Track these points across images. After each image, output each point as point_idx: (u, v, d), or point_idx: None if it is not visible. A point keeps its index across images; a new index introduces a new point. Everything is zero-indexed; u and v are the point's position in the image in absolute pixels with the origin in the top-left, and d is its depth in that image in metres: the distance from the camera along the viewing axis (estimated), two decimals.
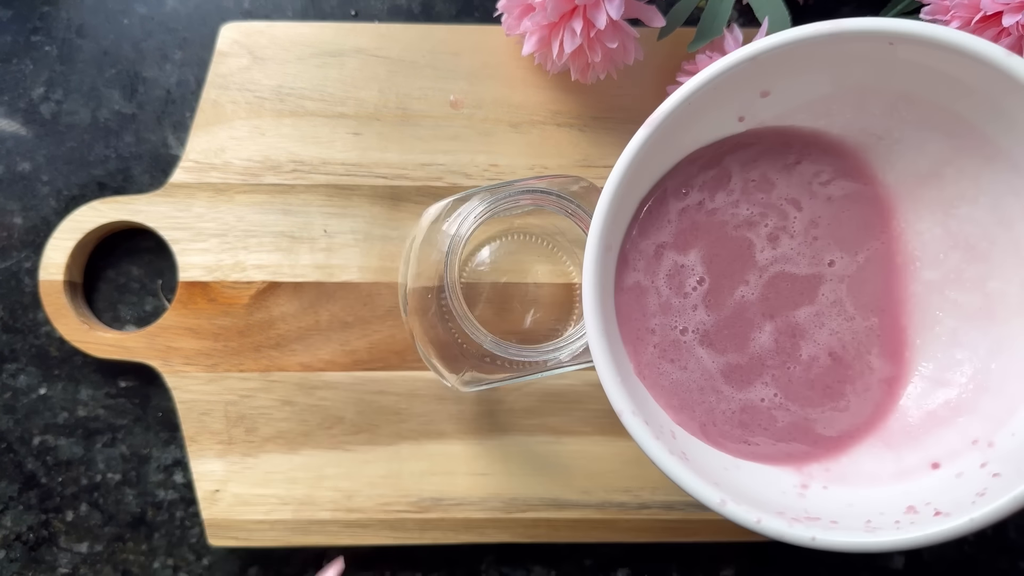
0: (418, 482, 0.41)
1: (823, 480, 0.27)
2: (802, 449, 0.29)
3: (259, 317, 0.41)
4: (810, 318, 0.30)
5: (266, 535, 0.40)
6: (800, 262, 0.30)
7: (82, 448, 0.43)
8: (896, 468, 0.27)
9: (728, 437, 0.29)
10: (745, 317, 0.30)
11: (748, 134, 0.30)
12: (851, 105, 0.28)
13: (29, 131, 0.43)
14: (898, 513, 0.24)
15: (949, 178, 0.28)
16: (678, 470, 0.25)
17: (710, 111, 0.28)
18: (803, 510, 0.25)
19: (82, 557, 0.42)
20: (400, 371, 0.41)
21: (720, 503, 0.25)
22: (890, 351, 0.30)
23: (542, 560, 0.43)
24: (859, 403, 0.29)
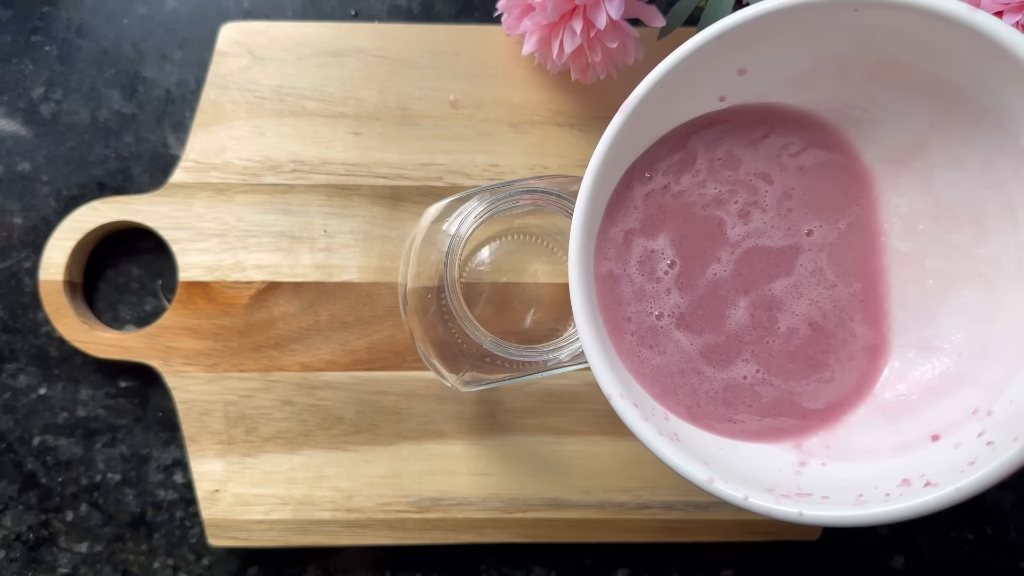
0: (418, 482, 0.41)
1: (823, 457, 0.27)
2: (793, 423, 0.29)
3: (259, 317, 0.41)
4: (787, 290, 0.30)
5: (266, 535, 0.40)
6: (775, 235, 0.30)
7: (82, 448, 0.43)
8: (897, 441, 0.26)
9: (714, 417, 0.28)
10: (719, 295, 0.29)
11: (722, 112, 0.29)
12: (832, 76, 0.28)
13: (29, 131, 0.43)
14: (892, 487, 0.24)
15: (936, 144, 0.28)
16: (665, 449, 0.25)
17: (687, 93, 0.28)
18: (796, 487, 0.25)
19: (82, 557, 0.42)
20: (400, 371, 0.41)
21: (707, 481, 0.24)
22: (873, 317, 0.30)
23: (542, 560, 0.43)
24: (844, 373, 0.29)
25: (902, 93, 0.27)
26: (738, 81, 0.28)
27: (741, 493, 0.24)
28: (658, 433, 0.26)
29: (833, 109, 0.29)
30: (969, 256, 0.28)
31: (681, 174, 0.30)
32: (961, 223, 0.28)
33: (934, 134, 0.28)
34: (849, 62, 0.27)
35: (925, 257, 0.29)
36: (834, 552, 0.44)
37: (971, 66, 0.25)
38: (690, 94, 0.28)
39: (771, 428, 0.28)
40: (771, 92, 0.29)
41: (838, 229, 0.30)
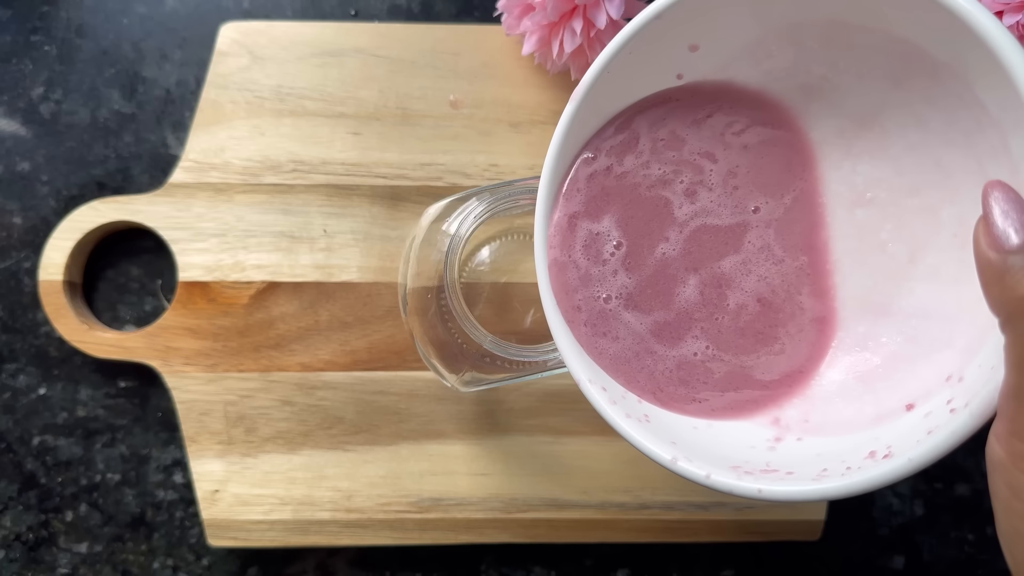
0: (418, 482, 0.41)
1: (799, 432, 0.27)
2: (756, 394, 0.28)
3: (259, 317, 0.41)
4: (736, 267, 0.30)
5: (265, 535, 0.40)
6: (722, 213, 0.30)
7: (81, 448, 0.42)
8: (875, 412, 0.26)
9: (677, 398, 0.28)
10: (668, 273, 0.29)
11: (674, 90, 0.29)
12: (787, 42, 0.28)
13: (28, 131, 0.43)
14: (857, 460, 0.23)
15: (899, 104, 0.27)
16: (632, 431, 0.25)
17: (640, 75, 0.28)
18: (764, 463, 0.25)
19: (82, 557, 0.42)
20: (400, 371, 0.41)
21: (671, 460, 0.25)
22: (820, 290, 0.30)
23: (542, 560, 0.43)
24: (794, 345, 0.29)
25: (859, 53, 0.27)
26: (692, 57, 0.28)
27: (704, 471, 0.24)
28: (626, 415, 0.26)
29: (795, 78, 0.29)
30: (935, 218, 0.27)
31: (624, 155, 0.30)
32: (925, 185, 0.27)
33: (896, 93, 0.27)
34: (800, 27, 0.27)
35: (884, 224, 0.28)
36: (834, 552, 0.44)
37: (916, 20, 0.24)
38: (643, 75, 0.28)
39: (738, 402, 0.28)
40: (729, 66, 0.28)
41: (783, 204, 0.30)
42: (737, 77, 0.29)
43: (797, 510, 0.41)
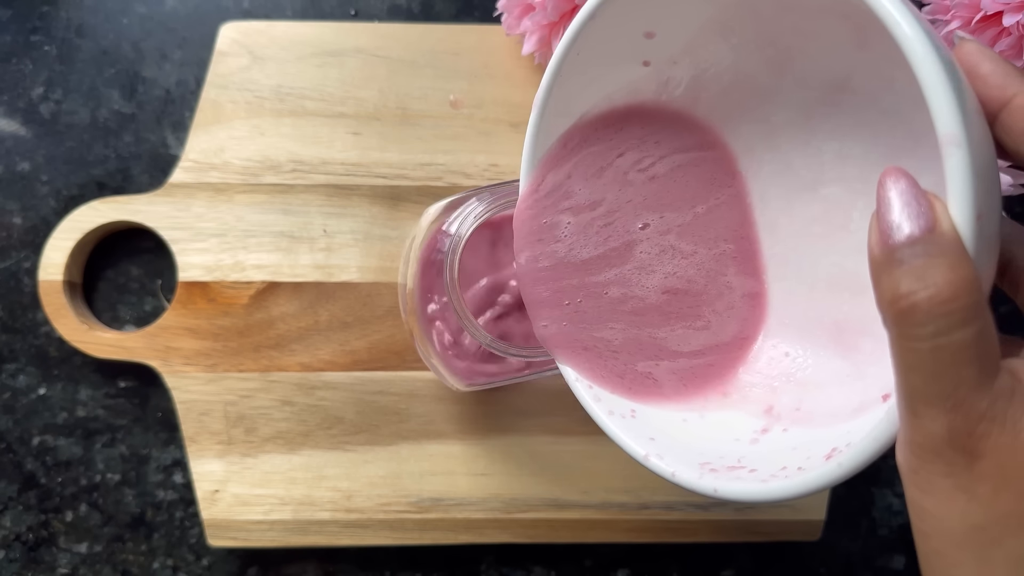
0: (418, 482, 0.41)
1: (788, 422, 0.26)
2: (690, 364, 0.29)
3: (259, 317, 0.41)
4: (632, 272, 0.30)
5: (265, 535, 0.40)
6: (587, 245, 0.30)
7: (81, 448, 0.42)
8: (858, 402, 0.25)
9: (641, 382, 0.29)
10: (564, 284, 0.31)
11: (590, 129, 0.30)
12: (745, 15, 0.27)
13: (28, 131, 0.43)
14: (816, 458, 0.22)
15: (866, 67, 0.27)
16: (612, 425, 0.26)
17: (600, 70, 0.28)
18: (736, 459, 0.25)
19: (81, 557, 0.42)
20: (400, 371, 0.41)
21: (644, 456, 0.25)
22: (751, 269, 0.30)
23: (542, 560, 0.43)
24: (722, 321, 0.30)
25: (815, 16, 0.26)
26: (652, 44, 0.28)
27: (671, 469, 0.24)
28: (609, 412, 0.27)
29: (763, 51, 0.28)
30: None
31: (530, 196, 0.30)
32: (901, 153, 0.27)
33: (860, 54, 0.27)
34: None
35: (856, 201, 0.28)
36: (834, 552, 0.44)
37: None
38: (605, 71, 0.28)
39: (693, 375, 0.29)
40: (694, 47, 0.28)
41: (694, 212, 0.30)
42: (706, 61, 0.29)
43: (797, 510, 0.41)
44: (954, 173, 0.17)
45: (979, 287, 0.17)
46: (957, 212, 0.17)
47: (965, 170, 0.17)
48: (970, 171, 0.17)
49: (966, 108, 0.18)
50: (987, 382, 0.17)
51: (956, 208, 0.17)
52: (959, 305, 0.16)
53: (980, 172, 0.18)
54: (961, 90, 0.18)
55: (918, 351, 0.17)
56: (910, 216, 0.17)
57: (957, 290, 0.16)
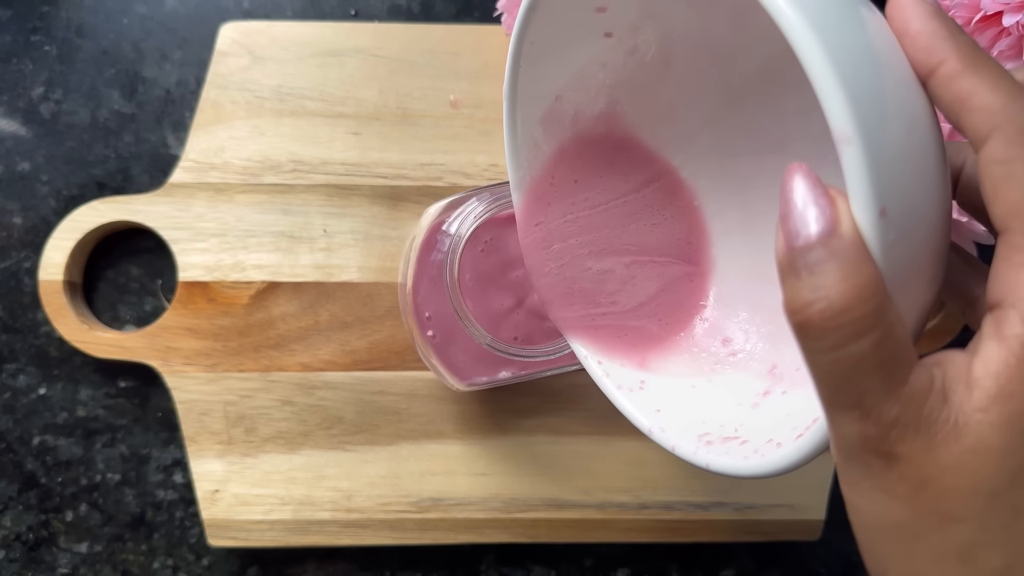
0: (418, 482, 0.41)
1: (788, 383, 0.26)
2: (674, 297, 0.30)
3: (259, 317, 0.41)
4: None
5: (265, 535, 0.40)
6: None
7: (82, 448, 0.42)
8: None
9: (638, 333, 0.30)
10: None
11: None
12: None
13: (29, 131, 0.43)
14: (799, 427, 0.22)
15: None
16: (620, 399, 0.27)
17: (563, 52, 0.27)
18: (734, 428, 0.25)
19: (82, 557, 0.42)
20: (400, 371, 0.41)
21: (648, 429, 0.26)
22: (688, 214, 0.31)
23: (542, 560, 0.43)
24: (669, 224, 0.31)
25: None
26: (608, 16, 0.27)
27: (672, 443, 0.25)
28: (618, 386, 0.28)
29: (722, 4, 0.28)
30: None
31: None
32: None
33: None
34: None
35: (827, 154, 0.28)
36: (834, 552, 0.44)
37: None
38: (568, 50, 0.28)
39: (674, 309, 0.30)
40: (651, 9, 0.27)
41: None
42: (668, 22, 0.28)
43: (797, 510, 0.41)
44: (848, 170, 0.16)
45: (876, 292, 0.16)
46: (857, 210, 0.16)
47: (859, 166, 0.16)
48: (864, 167, 0.16)
49: (873, 90, 0.17)
50: (895, 388, 0.16)
51: (856, 206, 0.16)
52: (852, 317, 0.16)
53: (885, 162, 0.16)
54: (865, 70, 0.17)
55: (819, 363, 0.16)
56: (809, 220, 0.16)
57: (850, 301, 0.15)
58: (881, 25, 0.18)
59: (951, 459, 0.15)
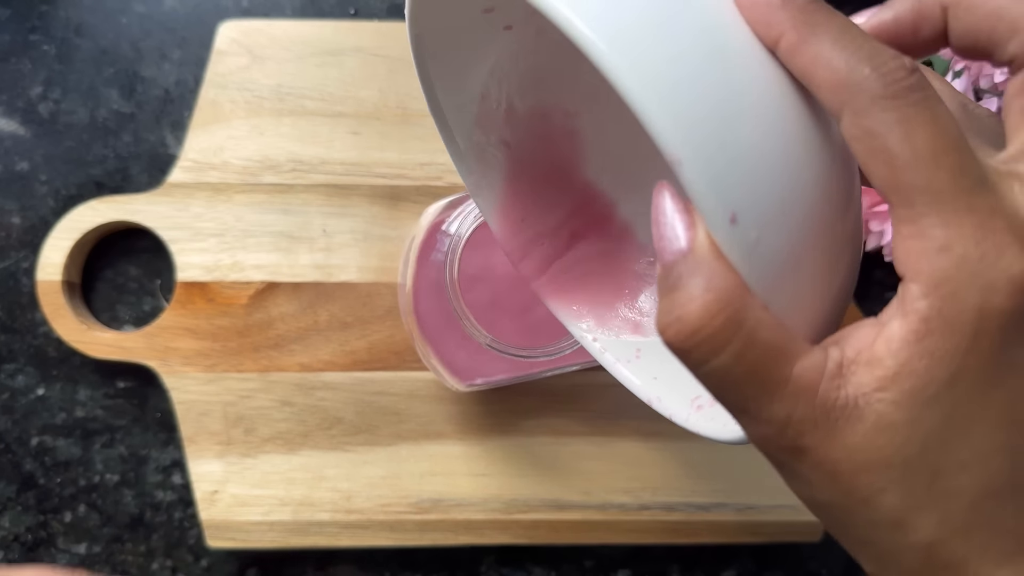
0: (418, 483, 0.41)
1: None
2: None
3: (258, 317, 0.41)
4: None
5: (265, 536, 0.40)
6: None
7: (80, 449, 0.42)
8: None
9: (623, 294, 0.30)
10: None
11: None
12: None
13: (27, 130, 0.43)
14: None
15: None
16: (621, 371, 0.27)
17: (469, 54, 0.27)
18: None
19: (80, 558, 0.42)
20: (399, 371, 0.41)
21: (649, 400, 0.26)
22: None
23: (542, 561, 0.43)
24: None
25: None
26: (500, 13, 0.26)
27: (669, 412, 0.25)
28: (616, 360, 0.27)
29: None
30: None
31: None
32: None
33: None
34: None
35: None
36: (836, 554, 0.44)
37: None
38: (474, 51, 0.27)
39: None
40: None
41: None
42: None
43: (799, 511, 0.41)
44: (686, 187, 0.15)
45: (726, 306, 0.15)
46: (709, 223, 0.16)
47: (693, 183, 0.15)
48: (698, 182, 0.15)
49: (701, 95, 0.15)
50: (775, 390, 0.16)
51: (707, 220, 0.16)
52: (704, 336, 0.15)
53: (725, 169, 0.15)
54: (688, 72, 0.15)
55: (696, 376, 0.17)
56: (671, 238, 0.16)
57: (699, 320, 0.15)
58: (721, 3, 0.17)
59: (857, 439, 0.15)
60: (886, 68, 0.15)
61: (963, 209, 0.15)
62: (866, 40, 0.15)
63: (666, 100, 0.15)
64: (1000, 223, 0.15)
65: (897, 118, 0.15)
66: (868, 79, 0.15)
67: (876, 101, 0.15)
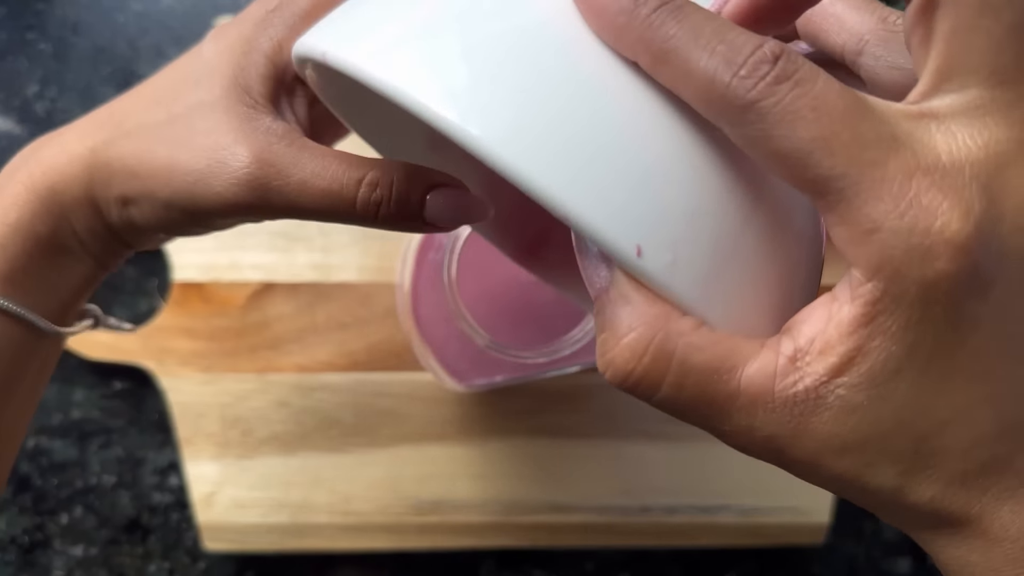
0: (417, 485, 0.40)
1: None
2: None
3: (255, 318, 0.40)
4: None
5: (262, 538, 0.40)
6: None
7: (77, 450, 0.42)
8: None
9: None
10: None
11: None
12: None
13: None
14: None
15: None
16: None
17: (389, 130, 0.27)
18: None
19: (77, 560, 0.42)
20: (399, 372, 0.41)
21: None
22: None
23: (543, 564, 0.43)
24: None
25: None
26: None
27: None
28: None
29: None
30: None
31: None
32: None
33: None
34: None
35: None
36: (838, 556, 0.43)
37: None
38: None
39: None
40: None
41: None
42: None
43: (801, 513, 0.41)
44: (582, 235, 0.15)
45: (647, 345, 0.15)
46: (618, 262, 0.15)
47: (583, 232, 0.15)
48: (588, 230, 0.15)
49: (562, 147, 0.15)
50: (728, 404, 0.16)
51: (616, 259, 0.16)
52: (635, 379, 0.16)
53: (615, 210, 0.15)
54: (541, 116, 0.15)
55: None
56: (591, 279, 0.16)
57: (626, 364, 0.16)
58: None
59: (827, 427, 0.15)
60: (747, 70, 0.14)
61: (878, 182, 0.14)
62: (720, 38, 0.14)
63: (538, 165, 0.15)
64: (922, 182, 0.14)
65: (774, 119, 0.14)
66: (732, 88, 0.14)
67: (746, 109, 0.14)
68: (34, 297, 0.24)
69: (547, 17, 0.16)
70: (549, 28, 0.16)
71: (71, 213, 0.24)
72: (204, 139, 0.22)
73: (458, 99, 0.15)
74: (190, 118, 0.22)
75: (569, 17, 0.16)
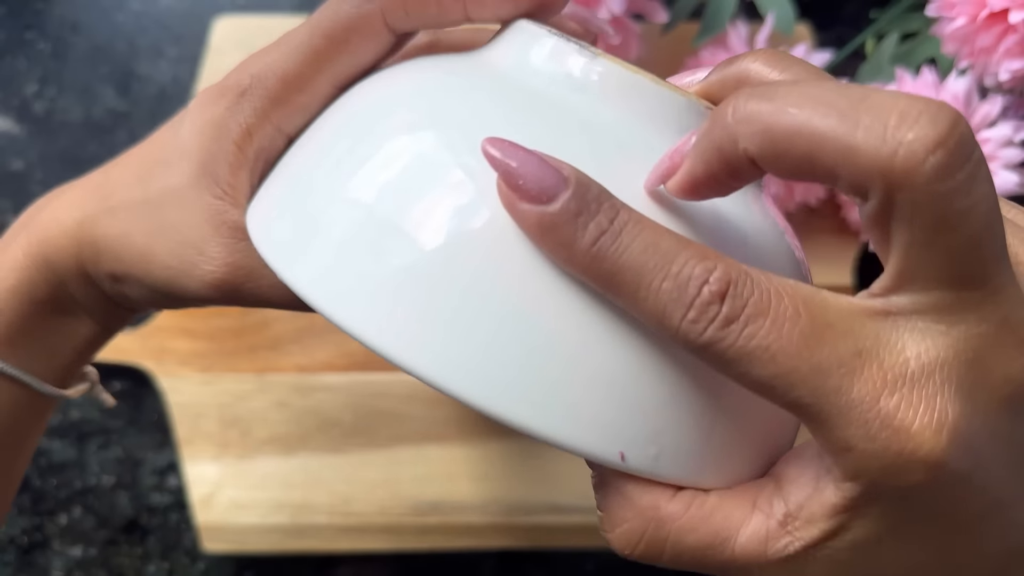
0: (417, 486, 0.40)
1: None
2: None
3: (254, 318, 0.40)
4: None
5: (261, 539, 0.40)
6: None
7: (76, 451, 0.42)
8: None
9: None
10: None
11: None
12: None
13: (22, 129, 0.43)
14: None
15: None
16: None
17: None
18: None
19: (76, 561, 0.42)
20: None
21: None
22: None
23: (543, 566, 0.43)
24: None
25: None
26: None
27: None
28: None
29: None
30: None
31: None
32: None
33: None
34: None
35: None
36: None
37: None
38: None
39: None
40: None
41: None
42: None
43: None
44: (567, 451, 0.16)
45: (644, 530, 0.17)
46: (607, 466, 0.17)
47: (570, 447, 0.16)
48: (573, 446, 0.16)
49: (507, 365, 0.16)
50: (727, 567, 0.17)
51: (603, 464, 0.17)
52: (637, 556, 0.17)
53: (583, 427, 0.16)
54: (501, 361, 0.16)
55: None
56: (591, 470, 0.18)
57: (625, 548, 0.17)
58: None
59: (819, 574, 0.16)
60: (695, 312, 0.14)
61: (844, 409, 0.14)
62: (665, 272, 0.14)
63: (510, 400, 0.16)
64: (890, 402, 0.14)
65: (730, 359, 0.14)
66: (683, 331, 0.14)
67: (702, 350, 0.14)
68: (34, 358, 0.24)
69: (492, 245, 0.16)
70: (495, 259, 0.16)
71: (68, 282, 0.24)
72: (175, 234, 0.22)
73: (423, 347, 0.17)
74: (162, 205, 0.22)
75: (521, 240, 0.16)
